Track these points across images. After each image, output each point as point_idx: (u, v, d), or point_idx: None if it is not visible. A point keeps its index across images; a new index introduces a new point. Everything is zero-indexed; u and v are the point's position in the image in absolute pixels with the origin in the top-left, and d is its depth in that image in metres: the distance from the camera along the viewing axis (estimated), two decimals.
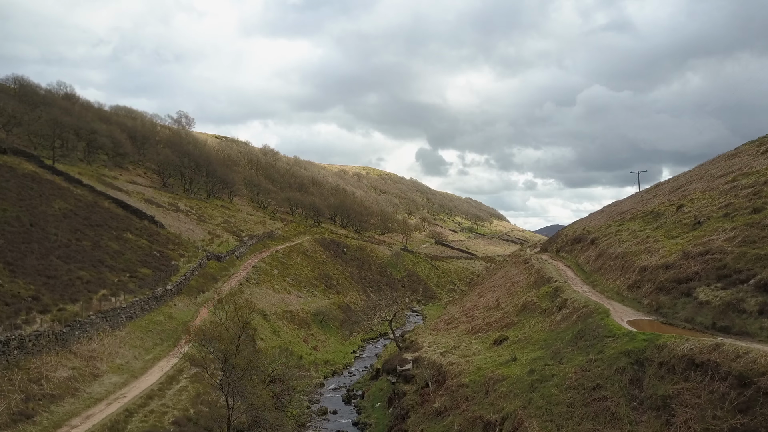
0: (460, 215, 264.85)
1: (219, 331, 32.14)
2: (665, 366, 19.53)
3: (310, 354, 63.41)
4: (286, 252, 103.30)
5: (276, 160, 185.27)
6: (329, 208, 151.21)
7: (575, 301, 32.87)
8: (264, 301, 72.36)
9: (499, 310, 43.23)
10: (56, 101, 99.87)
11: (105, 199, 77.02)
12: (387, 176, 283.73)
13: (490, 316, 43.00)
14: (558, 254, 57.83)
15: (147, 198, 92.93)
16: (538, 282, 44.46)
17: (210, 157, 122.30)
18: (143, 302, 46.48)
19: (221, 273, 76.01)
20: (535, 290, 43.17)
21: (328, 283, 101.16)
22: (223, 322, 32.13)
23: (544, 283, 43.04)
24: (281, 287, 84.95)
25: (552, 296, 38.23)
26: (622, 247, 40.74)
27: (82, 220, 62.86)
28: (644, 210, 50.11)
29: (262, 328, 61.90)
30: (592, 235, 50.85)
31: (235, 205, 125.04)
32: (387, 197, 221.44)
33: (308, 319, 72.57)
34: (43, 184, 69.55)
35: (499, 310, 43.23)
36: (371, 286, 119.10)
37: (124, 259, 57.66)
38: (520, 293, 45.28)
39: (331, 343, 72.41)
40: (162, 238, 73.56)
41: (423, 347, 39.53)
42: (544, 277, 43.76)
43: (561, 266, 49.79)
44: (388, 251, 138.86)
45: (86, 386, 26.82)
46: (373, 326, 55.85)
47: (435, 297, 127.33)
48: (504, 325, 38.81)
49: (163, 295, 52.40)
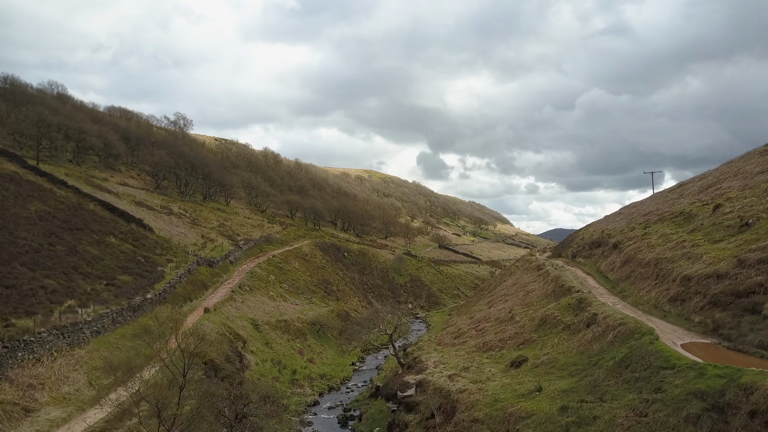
0: (464, 219, 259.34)
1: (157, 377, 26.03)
2: (760, 417, 14.23)
3: (305, 367, 58.04)
4: (284, 257, 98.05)
5: (277, 162, 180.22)
6: (330, 212, 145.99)
7: (607, 316, 27.51)
8: (257, 309, 67.06)
9: (514, 324, 37.86)
10: (46, 100, 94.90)
11: (90, 201, 71.94)
12: (389, 179, 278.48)
13: (503, 330, 37.63)
14: (574, 260, 52.45)
15: (138, 200, 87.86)
16: (557, 291, 39.07)
17: (206, 159, 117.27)
18: (116, 314, 41.25)
19: (212, 279, 70.81)
20: (554, 301, 37.80)
21: (327, 289, 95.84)
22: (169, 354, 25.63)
23: (564, 293, 37.68)
24: (277, 294, 79.66)
25: (576, 309, 32.87)
26: (654, 253, 35.36)
27: (60, 223, 57.76)
28: (672, 211, 44.73)
29: (254, 340, 56.59)
30: (614, 239, 45.48)
31: (233, 208, 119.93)
32: (389, 200, 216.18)
33: (304, 329, 67.23)
34: (22, 185, 64.51)
35: (514, 324, 37.86)
36: (373, 292, 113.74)
37: (102, 266, 52.49)
38: (537, 304, 39.90)
39: (328, 354, 67.02)
40: (149, 242, 68.41)
41: (428, 367, 34.16)
42: (564, 286, 38.38)
43: (580, 273, 44.45)
44: (391, 255, 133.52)
45: (9, 427, 21.53)
46: (372, 341, 50.43)
47: (439, 303, 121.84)
48: (520, 342, 33.45)
49: (142, 304, 47.17)
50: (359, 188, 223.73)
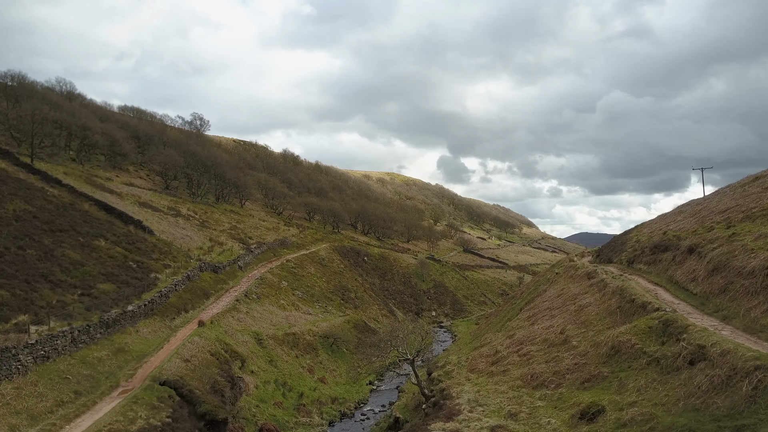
0: (488, 222, 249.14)
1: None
2: None
3: (314, 389, 49.80)
4: (299, 261, 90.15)
5: (296, 164, 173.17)
6: (350, 214, 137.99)
7: (726, 351, 18.68)
8: (263, 321, 59.10)
9: (570, 350, 29.04)
10: (49, 97, 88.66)
11: (86, 201, 64.96)
12: (412, 182, 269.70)
13: (557, 358, 28.84)
14: (632, 267, 43.29)
15: (142, 201, 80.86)
16: (625, 308, 30.14)
17: (219, 159, 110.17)
18: (79, 332, 33.47)
19: (216, 286, 63.10)
20: (622, 321, 28.89)
21: (344, 296, 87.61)
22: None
23: (636, 310, 28.74)
24: (288, 302, 71.68)
25: (662, 334, 24.01)
26: (759, 259, 26.29)
27: (41, 224, 50.57)
28: (762, 206, 35.48)
29: (255, 357, 48.54)
30: (687, 242, 36.32)
31: (247, 210, 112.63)
32: (412, 203, 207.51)
33: (315, 343, 58.99)
34: (7, 183, 57.70)
35: (570, 350, 29.04)
36: (394, 299, 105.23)
37: (81, 272, 45.00)
38: (597, 323, 31.01)
39: (342, 371, 58.69)
40: (147, 245, 61.03)
41: (461, 410, 25.58)
42: (635, 302, 29.43)
43: (645, 284, 35.41)
44: (413, 260, 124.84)
45: None
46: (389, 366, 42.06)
47: (464, 310, 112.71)
48: (585, 379, 24.70)
49: (119, 318, 39.40)
50: (381, 191, 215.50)
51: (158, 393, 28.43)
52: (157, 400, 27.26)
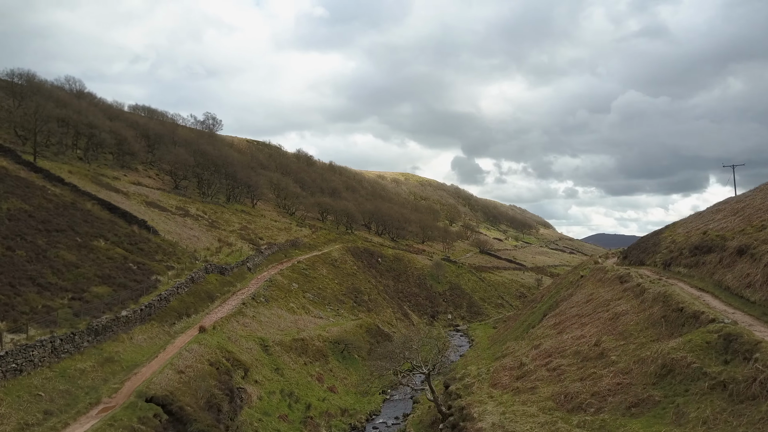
0: (505, 223, 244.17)
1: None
2: None
3: (323, 399, 46.30)
4: (311, 262, 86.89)
5: (310, 164, 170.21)
6: (364, 215, 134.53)
7: None
8: (270, 326, 55.80)
9: (608, 365, 25.19)
10: (55, 94, 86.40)
11: (88, 200, 62.27)
12: (427, 182, 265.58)
13: (594, 375, 24.99)
14: (669, 270, 39.19)
15: (150, 201, 78.16)
16: (672, 318, 26.20)
17: (230, 158, 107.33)
18: (63, 340, 30.33)
19: (222, 289, 59.96)
20: (669, 332, 25.00)
21: (357, 298, 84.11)
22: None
23: (686, 321, 24.82)
24: (299, 305, 68.35)
25: (723, 351, 20.16)
26: None
27: (36, 224, 47.77)
28: None
29: (260, 365, 45.19)
30: (735, 242, 32.24)
31: (259, 210, 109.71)
32: (427, 203, 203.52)
33: (325, 350, 55.53)
34: (5, 181, 55.09)
35: (608, 365, 25.19)
36: (408, 301, 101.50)
37: (74, 275, 42.02)
38: (638, 335, 27.10)
39: (354, 379, 55.18)
40: (150, 246, 58.10)
41: None
42: (685, 311, 25.48)
43: (689, 289, 31.39)
44: (428, 261, 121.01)
45: None
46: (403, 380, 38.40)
47: (481, 313, 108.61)
48: (632, 403, 20.88)
49: (111, 325, 36.26)
50: (395, 191, 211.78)
51: (142, 412, 25.14)
52: (139, 420, 23.99)
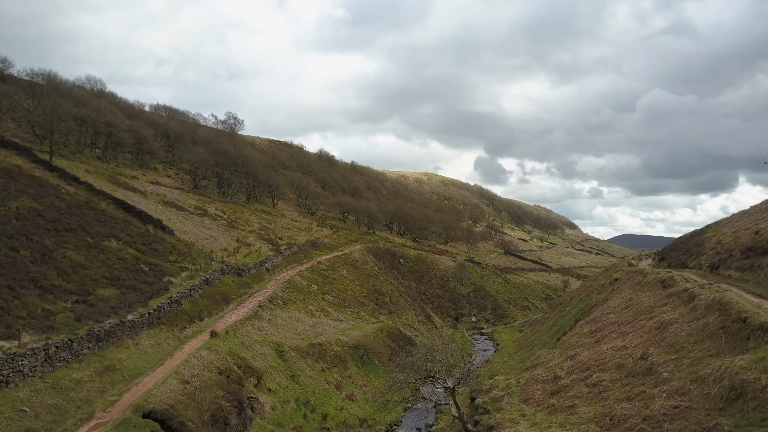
0: (529, 223, 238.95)
1: None
2: None
3: (341, 409, 43.55)
4: (331, 263, 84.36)
5: (331, 164, 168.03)
6: (386, 215, 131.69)
7: None
8: (287, 329, 53.30)
9: (660, 383, 21.88)
10: (74, 93, 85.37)
11: (103, 200, 60.65)
12: (450, 182, 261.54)
13: (643, 395, 21.72)
14: (717, 273, 35.52)
15: (168, 200, 76.49)
16: (733, 330, 22.78)
17: (250, 158, 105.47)
18: (60, 348, 28.08)
19: (239, 291, 57.73)
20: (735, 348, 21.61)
21: (378, 300, 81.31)
22: None
23: (753, 333, 21.40)
24: (318, 308, 65.80)
25: None
26: None
27: (45, 223, 46.00)
28: None
29: (274, 372, 42.62)
30: None
31: (279, 210, 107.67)
32: (450, 203, 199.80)
33: (344, 355, 52.80)
34: (18, 180, 53.65)
35: (660, 383, 21.88)
36: (431, 303, 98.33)
37: (81, 276, 39.99)
38: (693, 348, 23.72)
39: (374, 386, 52.32)
40: (164, 246, 56.13)
41: None
42: (751, 322, 22.05)
43: (745, 295, 27.83)
44: (452, 262, 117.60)
45: None
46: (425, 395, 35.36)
47: (506, 315, 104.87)
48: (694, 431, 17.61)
49: (115, 330, 34.03)
50: (418, 191, 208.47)
51: (136, 430, 22.64)
52: None
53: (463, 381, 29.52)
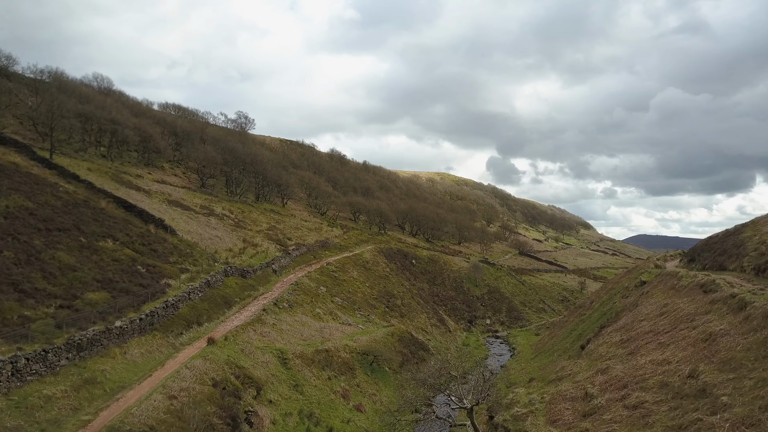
0: (544, 223, 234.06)
1: None
2: None
3: (347, 421, 40.20)
4: (341, 264, 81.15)
5: (343, 164, 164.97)
6: (398, 215, 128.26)
7: None
8: (292, 334, 50.10)
9: (718, 409, 18.31)
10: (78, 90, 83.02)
11: (103, 198, 57.94)
12: (463, 182, 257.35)
13: (698, 423, 18.16)
14: (763, 276, 31.69)
15: (172, 199, 73.77)
16: None
17: (260, 157, 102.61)
18: (31, 360, 25.08)
19: (242, 293, 54.65)
20: None
21: (390, 303, 77.89)
22: None
23: None
24: (326, 311, 62.56)
25: None
26: None
27: (36, 223, 43.22)
28: None
29: (276, 382, 39.37)
30: None
31: (289, 210, 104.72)
32: (463, 203, 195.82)
33: (352, 362, 49.45)
34: (12, 177, 51.06)
35: (718, 409, 18.31)
36: (444, 305, 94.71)
37: (69, 279, 37.08)
38: (754, 365, 20.09)
39: (384, 395, 48.92)
40: (165, 247, 53.25)
41: None
42: None
43: None
44: (465, 263, 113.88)
45: None
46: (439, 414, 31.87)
47: (522, 318, 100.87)
48: None
49: (99, 338, 30.98)
50: (430, 190, 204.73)
51: None
52: None
53: (481, 400, 26.10)
